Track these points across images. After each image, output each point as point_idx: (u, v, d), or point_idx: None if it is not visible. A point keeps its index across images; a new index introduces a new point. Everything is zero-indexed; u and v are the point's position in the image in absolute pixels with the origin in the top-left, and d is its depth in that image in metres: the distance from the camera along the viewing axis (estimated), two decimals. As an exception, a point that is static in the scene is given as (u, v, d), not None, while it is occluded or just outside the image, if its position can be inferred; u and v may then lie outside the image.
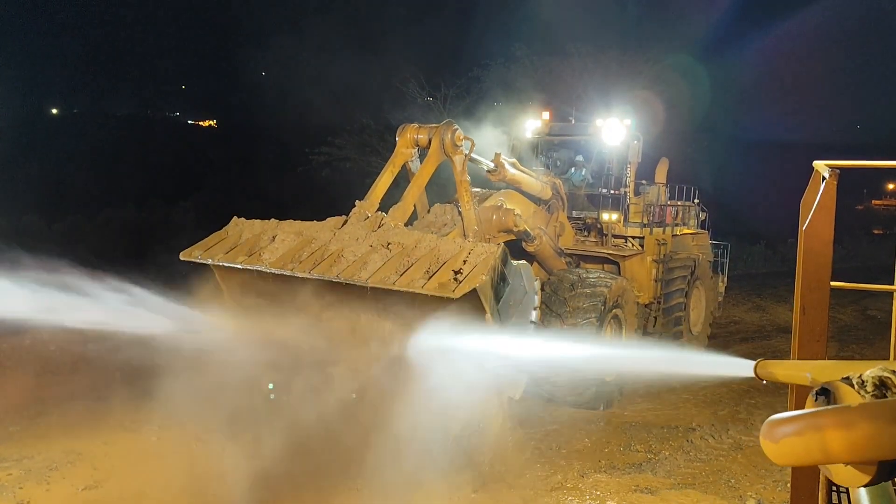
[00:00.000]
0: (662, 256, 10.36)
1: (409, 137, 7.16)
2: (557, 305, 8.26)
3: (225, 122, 57.68)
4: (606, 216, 10.10)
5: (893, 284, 3.12)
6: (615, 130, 10.17)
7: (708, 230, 12.93)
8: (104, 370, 8.75)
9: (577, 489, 6.24)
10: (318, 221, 6.31)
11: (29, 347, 9.06)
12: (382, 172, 7.08)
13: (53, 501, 5.50)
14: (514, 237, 8.14)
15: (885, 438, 0.91)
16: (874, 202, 49.46)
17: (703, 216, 12.81)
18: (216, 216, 6.74)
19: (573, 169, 10.86)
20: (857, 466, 1.00)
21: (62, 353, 9.11)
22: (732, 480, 6.58)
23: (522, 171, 8.64)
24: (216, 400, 6.60)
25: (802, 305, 2.75)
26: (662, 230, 10.80)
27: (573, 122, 11.41)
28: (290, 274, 5.69)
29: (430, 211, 7.76)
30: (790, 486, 2.82)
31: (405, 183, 7.12)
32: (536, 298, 6.21)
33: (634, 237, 10.19)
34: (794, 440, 1.00)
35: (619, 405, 8.82)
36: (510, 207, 8.00)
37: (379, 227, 5.99)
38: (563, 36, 23.33)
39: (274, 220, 6.46)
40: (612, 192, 10.31)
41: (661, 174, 11.40)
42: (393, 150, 7.28)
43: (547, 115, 11.11)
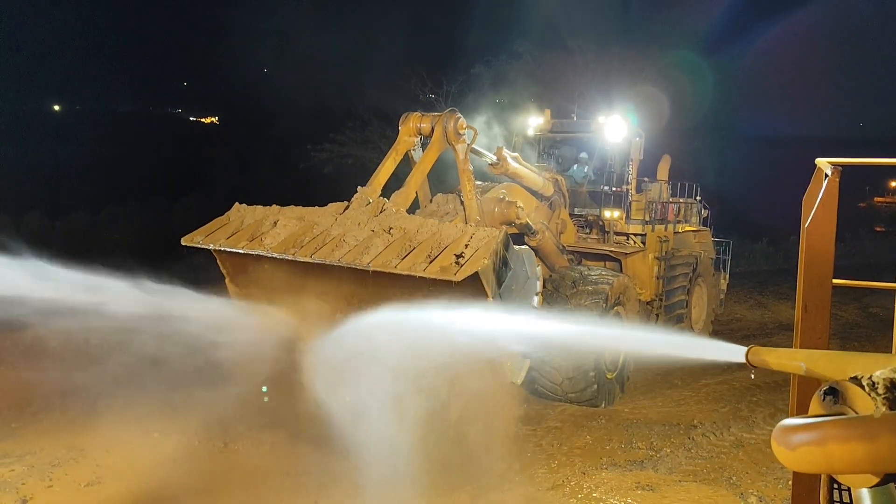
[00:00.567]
0: (664, 254, 10.35)
1: (412, 125, 7.15)
2: (559, 303, 8.26)
3: (227, 119, 57.69)
4: (608, 213, 10.09)
5: (895, 282, 3.11)
6: (617, 127, 10.15)
7: (710, 227, 12.92)
8: (106, 366, 8.76)
9: (578, 487, 6.24)
10: (319, 207, 6.31)
11: (31, 344, 9.07)
12: (385, 159, 7.07)
13: (56, 498, 5.51)
14: (515, 230, 8.13)
15: None
16: (876, 199, 49.34)
17: (705, 213, 12.80)
18: (218, 213, 6.76)
19: (575, 166, 10.85)
20: None
21: (64, 349, 9.12)
22: (734, 477, 6.58)
23: (524, 165, 8.63)
24: (217, 397, 6.62)
25: (804, 303, 2.74)
26: (664, 227, 10.79)
27: (575, 118, 11.40)
28: (291, 258, 5.69)
29: (432, 200, 7.76)
30: (791, 483, 2.82)
31: (407, 173, 7.11)
32: (538, 284, 6.21)
33: (636, 234, 10.19)
34: (813, 449, 0.98)
35: (620, 403, 8.82)
36: (512, 200, 7.99)
37: (381, 212, 5.99)
38: (565, 32, 23.30)
39: (275, 205, 6.47)
40: (613, 189, 10.30)
41: (663, 171, 11.39)
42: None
43: (549, 111, 11.11)
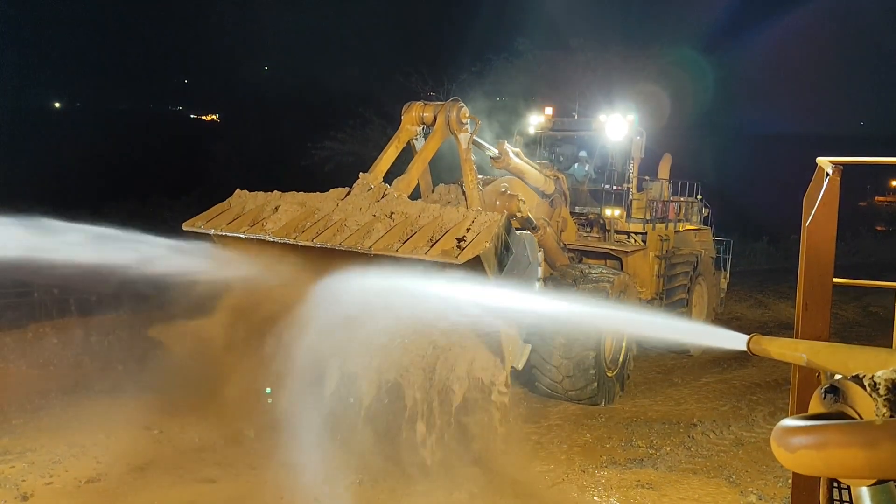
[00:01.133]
0: (665, 252, 10.35)
1: (414, 115, 7.14)
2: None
3: (227, 116, 57.64)
4: (609, 212, 10.09)
5: (895, 281, 3.11)
6: (618, 126, 10.15)
7: (711, 226, 12.92)
8: (107, 363, 8.78)
9: (578, 484, 6.25)
10: (321, 193, 6.31)
11: (31, 341, 9.09)
12: (387, 147, 7.07)
13: (56, 494, 5.52)
14: (517, 225, 8.13)
15: None
16: (877, 199, 49.26)
17: (705, 212, 12.80)
18: (219, 209, 6.81)
19: (576, 164, 10.85)
20: None
21: (64, 346, 9.14)
22: (734, 476, 6.59)
23: (526, 161, 8.63)
24: (217, 394, 6.63)
25: (805, 302, 2.74)
26: (665, 226, 10.79)
27: (576, 117, 11.39)
28: (292, 243, 5.69)
29: (434, 190, 7.76)
30: (791, 482, 2.82)
31: (409, 163, 7.11)
32: (539, 269, 6.20)
33: (637, 233, 10.19)
34: (812, 453, 0.98)
35: (620, 401, 8.82)
36: (514, 193, 7.98)
37: (382, 197, 5.99)
38: (566, 31, 23.30)
39: (277, 191, 6.46)
40: (614, 187, 10.30)
41: (664, 170, 11.39)
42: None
43: (550, 110, 11.10)
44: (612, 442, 7.38)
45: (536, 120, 10.99)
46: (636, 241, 10.15)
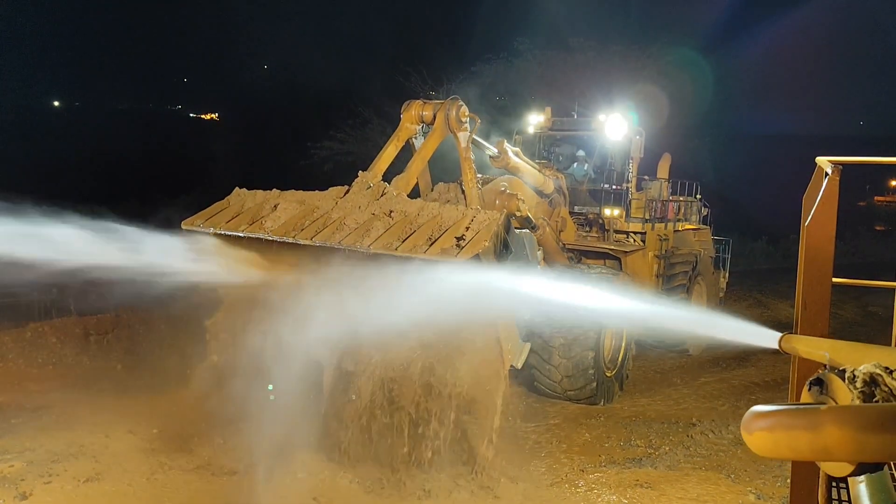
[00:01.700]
0: (664, 252, 10.35)
1: (414, 113, 7.13)
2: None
3: (227, 115, 57.65)
4: (608, 212, 10.09)
5: (895, 281, 3.11)
6: (617, 125, 10.15)
7: (710, 225, 12.93)
8: (106, 362, 8.78)
9: (577, 484, 6.25)
10: (320, 191, 6.31)
11: (30, 339, 9.09)
12: (386, 145, 7.07)
13: (55, 494, 5.52)
14: (516, 224, 8.14)
15: (851, 444, 0.93)
16: (876, 198, 49.30)
17: (704, 212, 12.81)
18: (218, 209, 6.81)
19: (575, 164, 10.85)
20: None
21: (63, 345, 9.14)
22: (733, 475, 6.59)
23: (525, 161, 8.63)
24: (217, 393, 6.63)
25: (804, 301, 2.74)
26: (664, 226, 10.79)
27: (575, 116, 11.39)
28: (292, 241, 5.70)
29: (433, 189, 7.76)
30: (790, 481, 2.83)
31: (409, 162, 7.11)
32: (539, 268, 6.20)
33: (636, 233, 10.19)
34: (764, 435, 1.05)
35: (619, 400, 8.83)
36: (513, 192, 7.99)
37: (381, 195, 5.99)
38: (565, 30, 23.31)
39: (276, 190, 6.47)
40: (613, 187, 10.30)
41: (663, 170, 11.39)
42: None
43: (549, 109, 11.10)
44: (610, 441, 7.39)
45: (536, 119, 10.99)
46: (635, 240, 10.16)
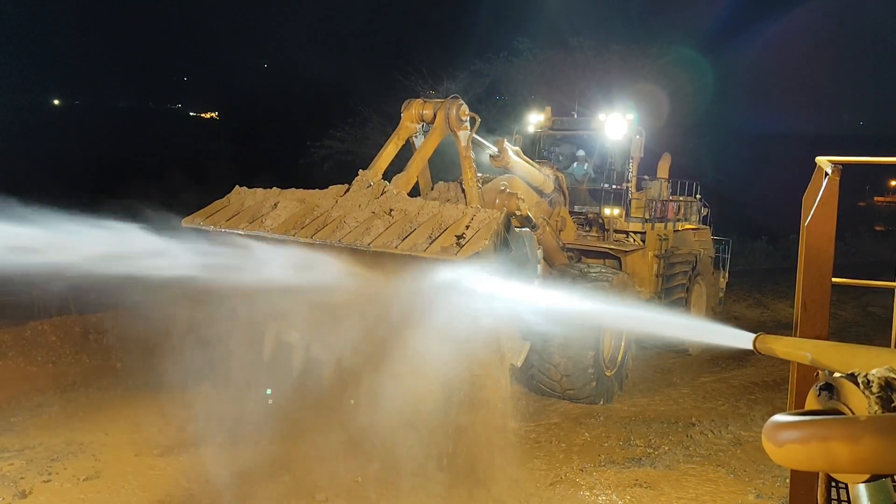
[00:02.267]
0: (664, 252, 10.35)
1: (414, 112, 7.13)
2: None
3: (226, 114, 57.62)
4: (608, 211, 10.09)
5: (894, 281, 3.11)
6: (618, 125, 10.15)
7: (709, 225, 12.93)
8: (105, 360, 8.78)
9: (576, 483, 6.25)
10: (320, 190, 6.31)
11: (30, 338, 9.09)
12: (387, 144, 7.07)
13: (54, 492, 5.52)
14: (516, 223, 8.14)
15: (891, 454, 0.91)
16: (876, 199, 49.33)
17: (704, 211, 12.80)
18: (218, 208, 6.80)
19: (575, 163, 10.85)
20: None
21: (63, 343, 9.14)
22: (732, 475, 6.59)
23: (525, 160, 8.63)
24: (216, 391, 6.62)
25: (804, 301, 2.74)
26: (664, 225, 10.79)
27: (575, 116, 11.39)
28: (292, 239, 5.70)
29: (433, 188, 7.77)
30: (789, 481, 2.83)
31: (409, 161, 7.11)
32: (539, 267, 6.20)
33: (636, 232, 10.19)
34: (798, 447, 0.99)
35: (618, 400, 8.83)
36: (513, 191, 7.99)
37: (381, 194, 6.00)
38: (565, 29, 23.30)
39: (276, 188, 6.47)
40: (613, 187, 10.30)
41: (663, 169, 11.39)
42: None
43: (549, 109, 11.10)
44: (610, 441, 7.39)
45: (536, 119, 10.99)
46: (635, 240, 10.16)
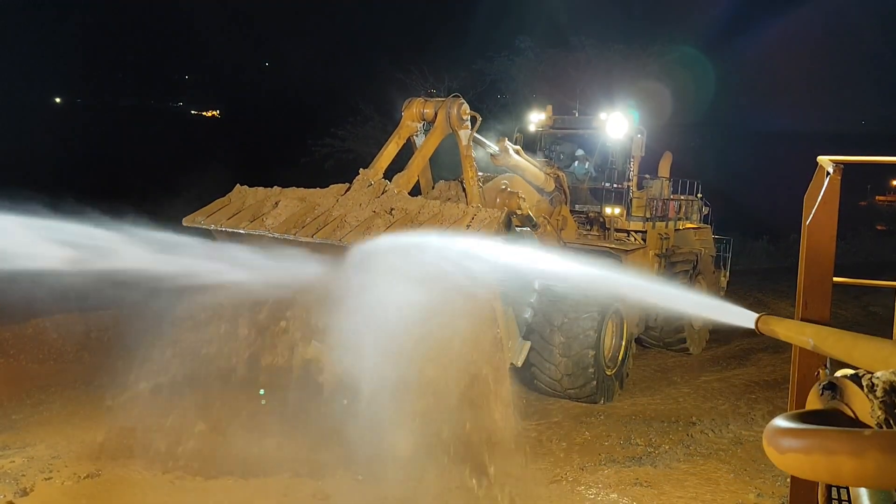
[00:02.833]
0: (664, 251, 10.35)
1: (415, 111, 7.13)
2: (560, 299, 8.25)
3: (228, 112, 57.62)
4: (609, 210, 10.08)
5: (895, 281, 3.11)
6: (619, 124, 10.14)
7: (711, 224, 12.92)
8: (107, 358, 8.78)
9: (577, 482, 6.25)
10: (321, 189, 6.31)
11: (31, 336, 9.09)
12: (387, 143, 7.07)
13: (55, 489, 5.53)
14: (517, 222, 8.13)
15: (895, 470, 0.90)
16: (878, 198, 49.21)
17: (705, 210, 12.80)
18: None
19: (576, 162, 10.84)
20: None
21: (64, 341, 9.14)
22: (732, 475, 6.59)
23: (526, 159, 8.63)
24: (217, 390, 6.63)
25: (804, 301, 2.74)
26: (665, 225, 10.78)
27: (577, 115, 11.39)
28: (293, 238, 5.71)
29: (434, 187, 7.77)
30: (790, 481, 2.83)
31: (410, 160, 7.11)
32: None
33: (637, 231, 10.18)
34: (800, 457, 0.98)
35: (619, 399, 8.83)
36: (514, 190, 7.99)
37: (382, 193, 6.00)
38: (567, 28, 23.28)
39: (277, 187, 6.47)
40: (614, 186, 10.30)
41: (664, 168, 11.38)
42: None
43: (550, 107, 11.09)
44: (610, 440, 7.39)
45: (537, 117, 10.98)
46: (636, 239, 10.15)
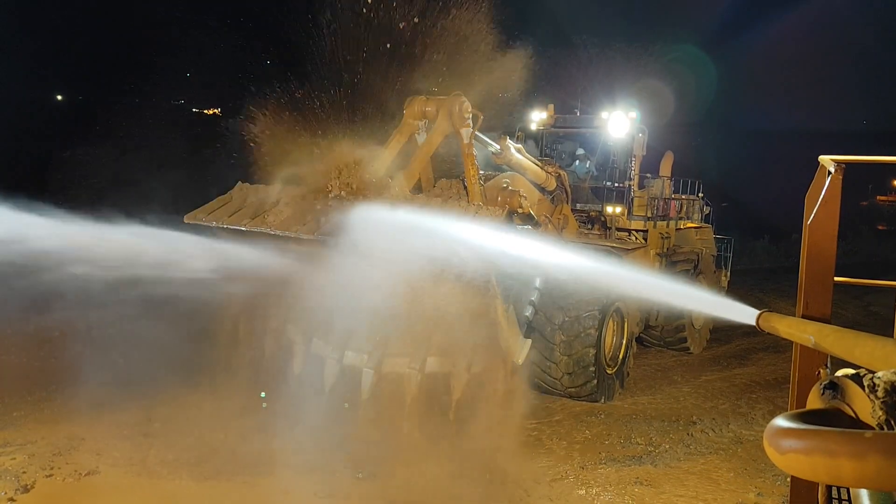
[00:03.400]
0: (665, 250, 10.35)
1: (416, 109, 7.13)
2: (561, 297, 8.25)
3: (229, 110, 57.55)
4: (610, 209, 10.08)
5: (897, 280, 3.11)
6: (620, 123, 10.13)
7: (712, 224, 12.91)
8: (107, 356, 8.78)
9: (577, 481, 6.26)
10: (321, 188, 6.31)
11: (32, 333, 9.10)
12: (389, 141, 7.08)
13: (56, 486, 5.53)
14: (518, 221, 8.12)
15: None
16: (879, 198, 49.13)
17: (706, 210, 12.79)
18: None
19: (577, 161, 10.84)
20: None
21: (66, 338, 9.14)
22: (732, 474, 6.60)
23: (527, 157, 8.62)
24: (217, 387, 6.64)
25: (805, 301, 2.74)
26: (666, 224, 10.78)
27: (578, 114, 11.38)
28: (294, 236, 5.72)
29: (435, 185, 7.77)
30: (790, 480, 2.83)
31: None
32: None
33: (638, 231, 10.18)
34: (801, 458, 0.98)
35: (619, 398, 8.83)
36: (515, 189, 7.98)
37: (383, 191, 6.02)
38: (568, 27, 23.25)
39: (278, 184, 6.49)
40: (616, 185, 10.29)
41: (665, 167, 11.37)
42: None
43: (552, 106, 11.08)
44: (611, 439, 7.40)
45: (538, 116, 10.98)
46: (637, 238, 10.15)
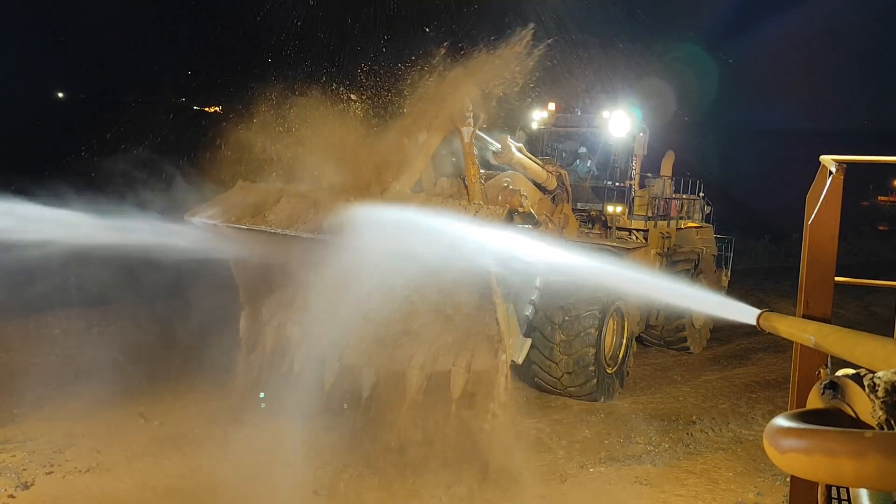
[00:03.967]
0: (666, 250, 10.35)
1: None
2: (561, 297, 8.25)
3: (230, 109, 57.55)
4: (611, 208, 10.08)
5: (897, 281, 3.10)
6: (621, 122, 10.13)
7: (712, 224, 12.91)
8: (108, 354, 8.79)
9: (577, 480, 6.26)
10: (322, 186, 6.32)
11: (33, 331, 9.11)
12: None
13: (56, 484, 5.54)
14: (518, 220, 8.11)
15: None
16: (880, 198, 49.15)
17: (707, 210, 12.79)
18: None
19: (578, 160, 10.83)
20: None
21: (66, 336, 9.16)
22: (732, 474, 6.60)
23: (528, 157, 8.62)
24: (217, 385, 6.65)
25: (806, 300, 2.73)
26: (667, 223, 10.78)
27: (579, 113, 11.37)
28: (294, 235, 5.72)
29: (436, 184, 7.77)
30: (790, 480, 2.83)
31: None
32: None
33: (639, 230, 10.18)
34: (801, 457, 0.98)
35: (619, 397, 8.83)
36: (516, 188, 7.98)
37: (384, 190, 6.02)
38: (569, 26, 23.23)
39: (278, 183, 6.50)
40: (616, 184, 10.29)
41: (666, 167, 11.37)
42: None
43: (553, 106, 11.08)
44: (610, 438, 7.40)
45: (539, 115, 10.97)
46: (638, 238, 10.15)
